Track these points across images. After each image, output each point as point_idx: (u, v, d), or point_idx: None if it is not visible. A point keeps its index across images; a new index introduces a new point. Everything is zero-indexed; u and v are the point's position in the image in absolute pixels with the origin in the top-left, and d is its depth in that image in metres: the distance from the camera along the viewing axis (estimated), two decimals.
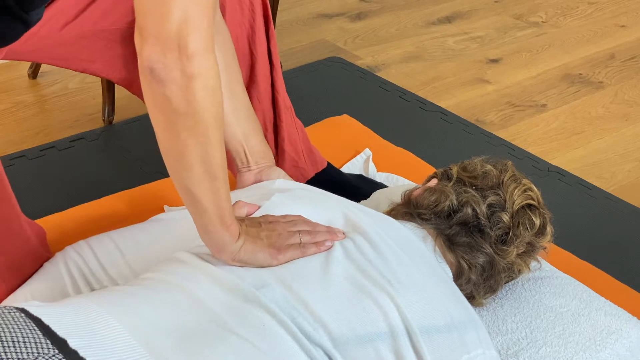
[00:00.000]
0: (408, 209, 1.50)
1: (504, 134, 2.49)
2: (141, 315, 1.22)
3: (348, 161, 2.08)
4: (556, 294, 1.58)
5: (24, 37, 1.43)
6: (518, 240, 1.48)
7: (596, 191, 2.23)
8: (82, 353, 1.14)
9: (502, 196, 1.48)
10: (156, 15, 1.13)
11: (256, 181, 1.65)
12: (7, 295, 1.52)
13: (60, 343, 1.14)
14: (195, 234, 1.33)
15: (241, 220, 1.33)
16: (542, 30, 3.09)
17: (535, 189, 1.53)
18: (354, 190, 1.88)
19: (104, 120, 2.43)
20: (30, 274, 1.54)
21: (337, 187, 1.86)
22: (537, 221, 1.50)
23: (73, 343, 1.15)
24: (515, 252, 1.49)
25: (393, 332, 1.25)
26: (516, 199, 1.48)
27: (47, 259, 1.57)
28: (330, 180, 1.92)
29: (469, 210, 1.47)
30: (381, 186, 1.92)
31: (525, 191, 1.50)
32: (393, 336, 1.25)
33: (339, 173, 1.96)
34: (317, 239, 1.34)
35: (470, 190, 1.48)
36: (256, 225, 1.35)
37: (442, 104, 2.62)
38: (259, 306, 1.24)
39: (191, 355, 1.17)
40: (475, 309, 1.41)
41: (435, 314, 1.29)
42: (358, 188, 1.90)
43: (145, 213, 1.82)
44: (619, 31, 3.11)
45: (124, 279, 1.47)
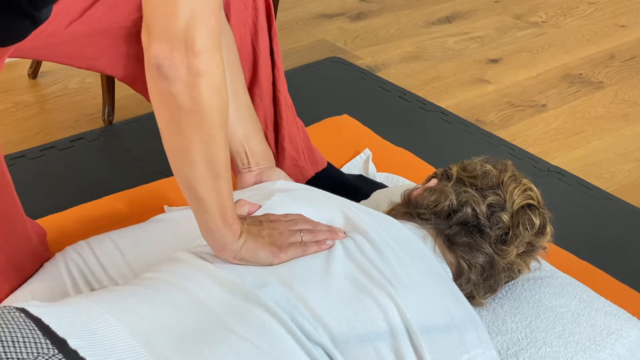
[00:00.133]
0: (408, 209, 1.50)
1: (504, 134, 2.49)
2: (141, 314, 1.22)
3: (348, 161, 2.08)
4: (556, 294, 1.58)
5: (31, 35, 1.44)
6: (518, 240, 1.48)
7: (596, 191, 2.23)
8: (82, 353, 1.14)
9: (502, 196, 1.48)
10: (164, 12, 1.13)
11: (257, 182, 1.65)
12: (9, 295, 1.52)
13: (60, 343, 1.14)
14: (195, 234, 1.33)
15: (243, 218, 1.34)
16: (542, 30, 3.09)
17: (535, 189, 1.53)
18: (354, 190, 1.88)
19: (104, 120, 2.43)
20: (31, 274, 1.55)
21: (337, 187, 1.86)
22: (537, 221, 1.50)
23: (73, 343, 1.15)
24: (515, 252, 1.49)
25: (393, 331, 1.25)
26: (516, 199, 1.48)
27: (48, 259, 1.57)
28: (330, 180, 1.92)
29: (469, 210, 1.47)
30: (381, 186, 1.92)
31: (525, 191, 1.50)
32: (393, 335, 1.25)
33: (339, 173, 1.96)
34: (318, 238, 1.35)
35: (470, 190, 1.48)
36: (257, 223, 1.35)
37: (442, 104, 2.62)
38: (259, 305, 1.24)
39: (191, 354, 1.17)
40: (475, 309, 1.41)
41: (435, 314, 1.29)
42: (358, 188, 1.90)
43: (145, 213, 1.82)
44: (619, 31, 3.11)
45: (124, 279, 1.47)
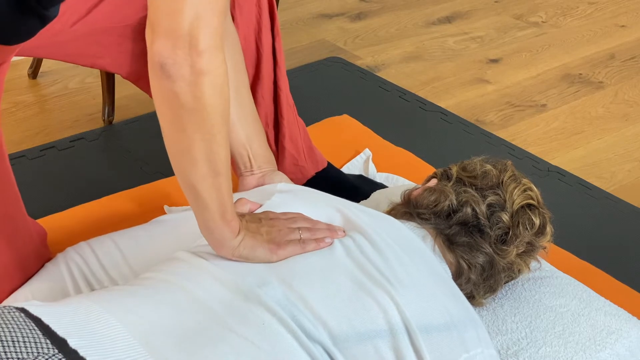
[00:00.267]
0: (408, 209, 1.50)
1: (504, 134, 2.49)
2: (141, 314, 1.22)
3: (348, 161, 2.08)
4: (556, 294, 1.58)
5: (37, 34, 1.44)
6: (518, 240, 1.48)
7: (596, 191, 2.23)
8: (82, 352, 1.14)
9: (502, 196, 1.48)
10: (169, 11, 1.14)
11: (258, 185, 1.65)
12: (10, 294, 1.53)
13: (60, 343, 1.14)
14: (196, 234, 1.33)
15: (241, 216, 1.34)
16: (542, 30, 3.09)
17: (534, 189, 1.53)
18: (354, 190, 1.88)
19: (104, 120, 2.43)
20: (32, 274, 1.55)
21: (338, 187, 1.86)
22: (537, 221, 1.50)
23: (73, 342, 1.15)
24: (515, 252, 1.49)
25: (392, 330, 1.26)
26: (516, 199, 1.48)
27: (49, 259, 1.57)
28: (330, 180, 1.92)
29: (469, 210, 1.47)
30: (381, 186, 1.92)
31: (525, 191, 1.50)
32: (392, 334, 1.25)
33: (340, 173, 1.96)
34: (317, 236, 1.35)
35: (469, 190, 1.48)
36: (256, 221, 1.35)
37: (442, 104, 2.62)
38: (259, 304, 1.24)
39: (191, 354, 1.17)
40: (475, 309, 1.41)
41: (434, 313, 1.29)
42: (358, 188, 1.90)
43: (145, 213, 1.82)
44: (619, 31, 3.11)
45: (125, 280, 1.47)
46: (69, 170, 2.22)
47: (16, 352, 1.12)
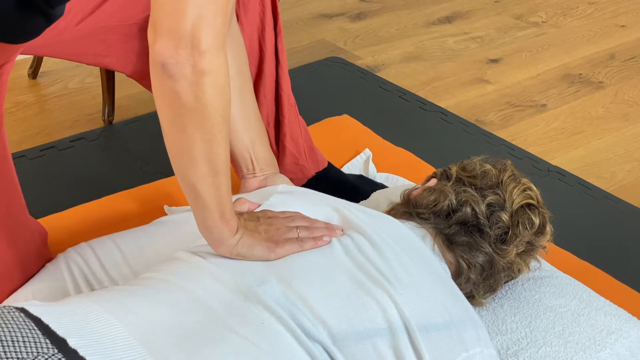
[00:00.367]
0: (407, 209, 1.50)
1: (504, 134, 2.49)
2: (141, 314, 1.22)
3: (348, 161, 2.08)
4: (556, 294, 1.58)
5: (43, 33, 1.44)
6: (517, 239, 1.48)
7: (596, 191, 2.23)
8: (82, 352, 1.14)
9: (502, 195, 1.48)
10: (172, 11, 1.14)
11: (260, 187, 1.65)
12: (11, 294, 1.53)
13: (59, 342, 1.14)
14: (197, 235, 1.34)
15: (240, 214, 1.34)
16: (542, 30, 3.09)
17: (534, 188, 1.53)
18: (354, 190, 1.88)
19: (104, 120, 2.43)
20: (33, 273, 1.55)
21: (338, 187, 1.86)
22: (537, 220, 1.50)
23: (73, 342, 1.15)
24: (514, 252, 1.49)
25: (392, 329, 1.26)
26: (515, 198, 1.48)
27: (49, 260, 1.58)
28: (330, 179, 1.92)
29: (468, 209, 1.47)
30: (381, 186, 1.92)
31: (524, 190, 1.50)
32: (392, 332, 1.26)
33: (340, 173, 1.96)
34: (315, 234, 1.35)
35: (469, 189, 1.48)
36: (254, 219, 1.36)
37: (442, 104, 2.62)
38: (259, 304, 1.24)
39: (191, 354, 1.17)
40: (475, 309, 1.41)
41: (433, 312, 1.29)
42: (358, 188, 1.90)
43: (145, 213, 1.82)
44: (619, 31, 3.11)
45: (125, 280, 1.48)
46: (69, 170, 2.22)
47: (16, 352, 1.12)
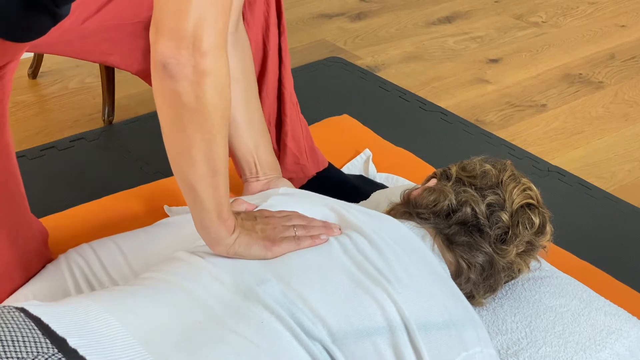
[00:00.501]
0: (407, 209, 1.50)
1: (504, 134, 2.49)
2: (141, 314, 1.22)
3: (348, 161, 2.08)
4: (556, 294, 1.58)
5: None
6: (517, 239, 1.48)
7: (596, 191, 2.23)
8: (82, 352, 1.14)
9: (502, 195, 1.48)
10: (174, 11, 1.14)
11: (262, 191, 1.66)
12: (11, 294, 1.53)
13: (59, 342, 1.14)
14: (197, 236, 1.34)
15: (237, 214, 1.35)
16: (542, 30, 3.09)
17: (534, 188, 1.53)
18: (354, 190, 1.88)
19: (104, 120, 2.43)
20: (34, 273, 1.55)
21: (338, 187, 1.87)
22: (537, 220, 1.50)
23: (72, 342, 1.15)
24: (514, 252, 1.49)
25: (391, 327, 1.26)
26: (515, 198, 1.48)
27: (50, 260, 1.58)
28: (331, 180, 1.92)
29: (468, 209, 1.47)
30: (381, 187, 1.92)
31: (524, 190, 1.50)
32: (391, 331, 1.26)
33: (340, 173, 1.96)
34: (312, 233, 1.35)
35: (469, 189, 1.48)
36: (251, 219, 1.36)
37: (442, 104, 2.62)
38: (258, 303, 1.24)
39: (191, 354, 1.18)
40: (475, 309, 1.41)
41: (433, 311, 1.29)
42: (358, 188, 1.90)
43: (145, 213, 1.82)
44: (619, 31, 3.11)
45: (125, 280, 1.48)
46: (69, 170, 2.22)
47: (16, 352, 1.12)
